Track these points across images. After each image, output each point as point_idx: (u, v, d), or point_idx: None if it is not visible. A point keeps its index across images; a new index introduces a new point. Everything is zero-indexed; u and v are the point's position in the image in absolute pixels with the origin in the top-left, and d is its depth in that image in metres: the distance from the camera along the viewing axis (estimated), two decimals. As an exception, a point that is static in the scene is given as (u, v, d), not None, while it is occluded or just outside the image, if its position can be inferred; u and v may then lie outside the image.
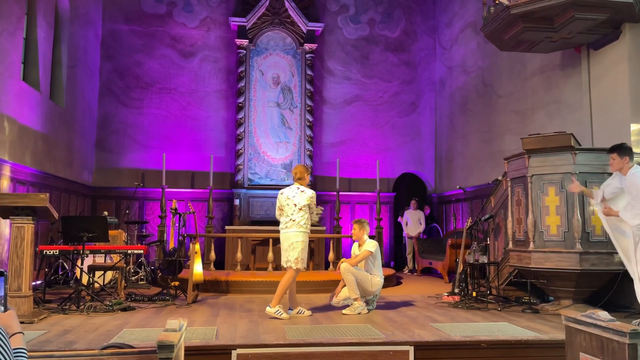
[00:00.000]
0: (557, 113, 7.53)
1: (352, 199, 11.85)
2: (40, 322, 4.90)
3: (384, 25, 12.29)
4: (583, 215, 5.50)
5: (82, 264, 6.30)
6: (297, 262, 5.30)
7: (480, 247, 6.46)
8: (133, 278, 7.87)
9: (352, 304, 5.59)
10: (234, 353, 3.93)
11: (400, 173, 12.18)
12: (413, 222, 10.66)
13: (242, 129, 11.20)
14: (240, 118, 11.21)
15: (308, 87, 11.49)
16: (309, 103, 11.48)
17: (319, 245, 9.52)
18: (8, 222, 6.29)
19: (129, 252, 6.46)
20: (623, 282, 5.17)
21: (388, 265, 11.02)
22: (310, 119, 11.47)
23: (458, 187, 8.43)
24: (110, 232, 6.72)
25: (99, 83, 11.16)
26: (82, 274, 6.40)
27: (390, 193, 12.05)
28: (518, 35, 6.46)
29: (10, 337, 1.56)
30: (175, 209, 8.68)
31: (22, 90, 7.64)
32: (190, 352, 3.74)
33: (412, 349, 4.09)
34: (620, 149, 4.85)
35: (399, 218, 11.16)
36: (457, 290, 6.48)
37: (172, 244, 8.96)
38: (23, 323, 3.32)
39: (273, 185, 11.14)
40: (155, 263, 8.81)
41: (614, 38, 6.21)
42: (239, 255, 8.05)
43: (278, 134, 11.37)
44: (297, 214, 5.36)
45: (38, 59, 8.21)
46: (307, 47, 11.47)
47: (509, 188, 6.23)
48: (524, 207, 5.87)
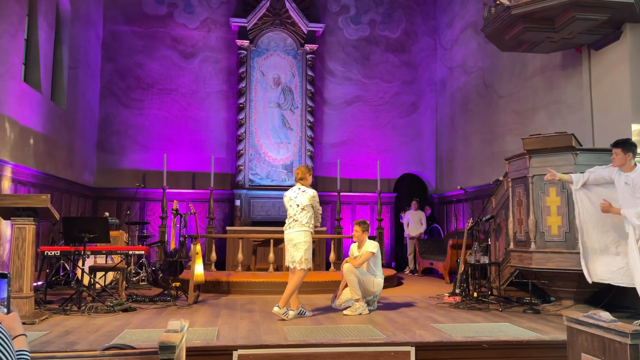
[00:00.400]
0: (557, 113, 7.52)
1: (352, 200, 11.85)
2: (42, 323, 4.91)
3: (385, 26, 12.30)
4: (584, 216, 5.49)
5: (83, 265, 6.31)
6: (301, 262, 5.30)
7: (481, 247, 6.45)
8: (134, 279, 7.87)
9: (353, 305, 5.59)
10: (235, 354, 3.93)
11: (401, 173, 12.18)
12: (414, 222, 10.66)
13: (242, 130, 11.20)
14: (241, 119, 11.22)
15: (309, 87, 11.49)
16: (310, 104, 11.49)
17: (320, 246, 9.52)
18: (9, 223, 6.30)
19: (130, 252, 6.47)
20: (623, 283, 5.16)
21: (389, 266, 11.02)
22: (311, 120, 11.48)
23: (459, 187, 8.42)
24: (111, 233, 6.73)
25: (100, 84, 11.17)
26: (83, 275, 6.40)
27: (391, 194, 12.05)
28: (519, 36, 6.46)
29: (13, 339, 1.56)
30: (176, 210, 8.70)
31: (23, 92, 7.65)
32: (192, 352, 3.74)
33: (413, 350, 4.09)
34: (625, 145, 4.81)
35: (401, 219, 11.15)
36: (458, 291, 6.48)
37: (173, 245, 8.98)
38: (24, 324, 3.31)
39: (274, 186, 11.15)
40: (157, 264, 8.82)
41: (615, 38, 6.21)
42: (240, 256, 8.06)
43: (279, 135, 11.37)
44: (299, 214, 5.40)
45: (39, 60, 8.22)
46: (307, 47, 11.47)
47: (510, 188, 6.23)
48: (525, 207, 5.87)
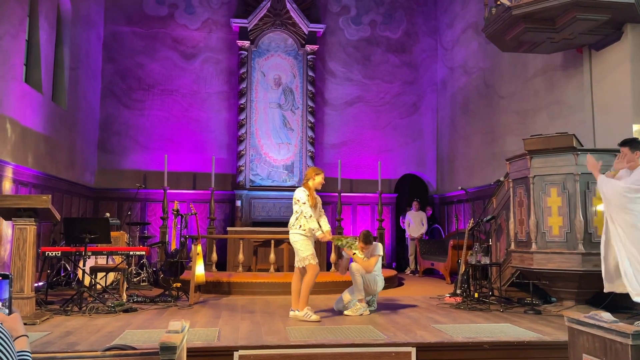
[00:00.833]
0: (558, 114, 7.52)
1: (353, 200, 11.85)
2: (43, 323, 4.91)
3: (385, 27, 12.30)
4: (585, 216, 5.49)
5: (84, 266, 6.31)
6: (301, 261, 5.29)
7: (482, 248, 6.44)
8: (135, 279, 7.87)
9: (354, 305, 5.59)
10: (236, 354, 3.93)
11: (402, 174, 12.18)
12: (415, 223, 10.65)
13: (243, 130, 11.21)
14: (242, 119, 11.22)
15: (309, 88, 11.50)
16: (311, 104, 11.49)
17: (321, 247, 9.50)
18: (10, 223, 6.31)
19: (131, 253, 6.46)
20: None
21: (390, 267, 11.02)
22: (312, 120, 11.48)
23: (460, 188, 8.41)
24: (112, 233, 6.73)
25: (101, 85, 11.18)
26: (84, 276, 6.41)
27: (392, 194, 12.04)
28: (519, 36, 6.46)
29: (15, 339, 1.56)
30: (177, 210, 8.70)
31: (24, 92, 7.66)
32: (193, 353, 3.73)
33: (414, 350, 4.09)
34: (633, 143, 4.76)
35: (401, 220, 11.14)
36: (459, 292, 6.47)
37: (174, 246, 8.97)
38: (25, 324, 3.31)
39: (274, 187, 11.16)
40: (157, 264, 8.82)
41: (616, 39, 6.20)
42: (241, 257, 8.06)
43: (279, 135, 11.37)
44: (292, 217, 5.47)
45: (40, 61, 8.23)
46: (308, 48, 11.48)
47: (511, 189, 6.22)
48: (526, 208, 5.86)
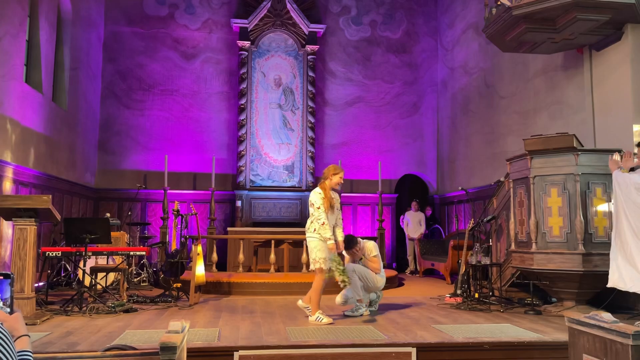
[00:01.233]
0: (559, 114, 7.52)
1: (354, 201, 11.85)
2: (43, 323, 4.91)
3: (386, 27, 12.30)
4: (586, 217, 5.48)
5: (84, 266, 6.31)
6: (312, 263, 5.21)
7: (483, 248, 6.44)
8: (135, 280, 7.87)
9: (354, 305, 5.59)
10: (236, 355, 3.93)
11: (402, 174, 12.18)
12: (413, 223, 10.66)
13: (244, 131, 11.21)
14: (242, 119, 11.22)
15: (310, 88, 11.50)
16: (311, 104, 11.49)
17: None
18: (11, 223, 6.31)
19: (131, 253, 6.47)
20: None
21: (390, 267, 11.01)
22: (312, 121, 11.48)
23: (460, 188, 8.41)
24: (113, 233, 6.73)
25: (101, 85, 11.19)
26: (84, 276, 6.41)
27: (392, 194, 12.04)
28: (520, 37, 6.45)
29: (17, 339, 1.56)
30: (178, 211, 8.70)
31: (24, 93, 7.67)
32: (193, 353, 3.73)
33: (414, 351, 4.09)
34: None
35: (401, 220, 11.13)
36: (459, 292, 6.47)
37: (174, 246, 8.98)
38: (26, 324, 3.30)
39: (275, 187, 11.17)
40: (158, 264, 8.82)
41: (616, 39, 6.20)
42: (241, 257, 8.06)
43: (280, 136, 11.38)
44: (309, 218, 5.32)
45: (40, 61, 8.23)
46: (308, 48, 11.48)
47: (511, 189, 6.22)
48: (527, 208, 5.86)
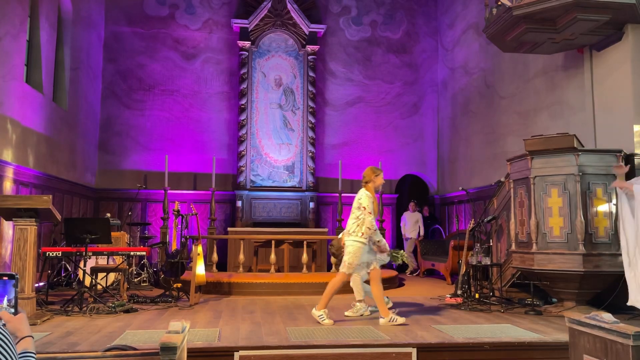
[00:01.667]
0: (559, 114, 7.51)
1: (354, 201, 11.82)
2: (43, 323, 4.91)
3: (386, 27, 12.30)
4: (586, 217, 5.48)
5: (84, 266, 6.32)
6: (344, 265, 5.11)
7: (483, 248, 6.44)
8: (135, 280, 7.88)
9: (355, 305, 5.59)
10: (237, 355, 3.93)
11: (403, 174, 12.18)
12: (410, 224, 10.67)
13: (244, 131, 11.21)
14: (243, 120, 11.22)
15: (310, 88, 11.49)
16: (311, 104, 11.49)
17: (321, 247, 9.52)
18: (11, 223, 6.31)
19: (132, 253, 6.47)
20: (626, 283, 5.14)
21: (390, 267, 11.01)
22: (313, 121, 11.48)
23: (460, 188, 8.41)
24: (113, 233, 6.73)
25: (102, 85, 11.19)
26: (84, 276, 6.41)
27: (393, 194, 12.04)
28: (520, 37, 6.45)
29: (20, 340, 1.56)
30: (178, 211, 8.70)
31: (25, 93, 7.67)
32: (193, 353, 3.73)
33: (414, 351, 4.08)
34: None
35: (402, 221, 11.13)
36: (459, 292, 6.46)
37: (174, 246, 8.98)
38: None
39: (275, 187, 11.17)
40: (158, 265, 8.82)
41: (617, 39, 6.20)
42: (242, 257, 8.06)
43: (280, 136, 11.38)
44: (350, 220, 5.20)
45: (41, 62, 8.24)
46: (309, 48, 11.48)
47: (512, 189, 6.22)
48: (527, 208, 5.86)
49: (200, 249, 6.56)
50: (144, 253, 6.55)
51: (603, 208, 5.50)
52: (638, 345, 2.72)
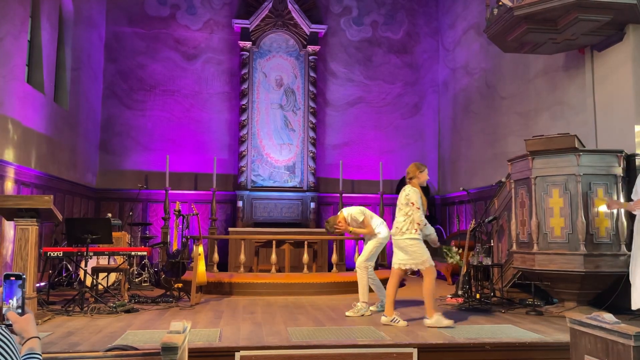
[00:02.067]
0: (560, 114, 7.51)
1: (355, 201, 11.81)
2: (44, 323, 4.91)
3: (387, 27, 12.30)
4: (587, 217, 5.48)
5: (85, 266, 6.31)
6: (421, 263, 4.99)
7: (484, 249, 6.44)
8: (136, 280, 7.88)
9: (355, 305, 5.59)
10: (238, 355, 3.93)
11: (404, 175, 12.14)
12: None
13: (245, 131, 11.21)
14: (244, 120, 11.23)
15: (311, 89, 11.50)
16: (312, 105, 11.50)
17: (322, 247, 9.53)
18: (12, 224, 6.31)
19: (133, 253, 6.47)
20: (627, 284, 5.14)
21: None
22: (313, 121, 11.48)
23: (461, 188, 8.41)
24: (114, 234, 6.73)
25: (103, 85, 11.19)
26: (85, 276, 6.42)
27: (394, 195, 12.00)
28: (521, 37, 6.45)
29: (26, 341, 1.55)
30: (179, 211, 8.71)
31: (26, 93, 7.67)
32: (194, 354, 3.73)
33: (415, 351, 4.08)
34: None
35: None
36: (460, 292, 6.45)
37: (175, 246, 8.98)
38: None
39: (276, 187, 11.17)
40: (159, 265, 8.82)
41: (618, 39, 6.19)
42: (242, 257, 8.06)
43: (281, 136, 11.38)
44: (399, 217, 5.13)
45: (42, 62, 8.24)
46: (310, 49, 11.48)
47: (513, 190, 6.21)
48: (528, 208, 5.85)
49: (201, 249, 6.56)
50: (145, 253, 6.55)
51: (604, 208, 5.50)
52: (639, 346, 2.72)
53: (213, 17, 11.74)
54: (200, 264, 6.43)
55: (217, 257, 8.25)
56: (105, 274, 6.99)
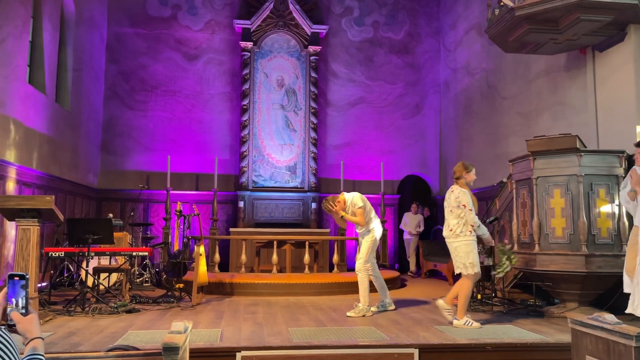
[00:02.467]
0: (562, 115, 7.50)
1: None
2: (46, 324, 4.92)
3: (388, 28, 12.30)
4: (589, 218, 5.47)
5: (87, 266, 6.32)
6: (468, 267, 4.95)
7: (485, 249, 6.43)
8: (138, 280, 7.88)
9: (357, 306, 5.59)
10: (239, 355, 3.93)
11: (405, 175, 12.16)
12: (412, 225, 10.65)
13: (246, 131, 11.22)
14: (245, 120, 11.23)
15: (312, 89, 11.50)
16: (313, 105, 11.50)
17: (323, 248, 9.53)
18: (14, 224, 6.32)
19: (134, 254, 6.47)
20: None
21: (392, 268, 11.00)
22: (315, 121, 11.48)
23: (463, 189, 8.39)
24: (115, 234, 6.74)
25: (104, 86, 11.21)
26: (87, 276, 6.42)
27: (395, 195, 12.03)
28: (523, 37, 6.44)
29: (30, 341, 1.55)
30: (180, 211, 8.70)
31: (28, 93, 7.69)
32: (195, 354, 3.73)
33: (416, 352, 4.08)
34: None
35: (401, 225, 11.11)
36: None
37: (176, 246, 8.98)
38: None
39: (277, 188, 11.18)
40: (160, 265, 8.83)
41: (619, 39, 6.19)
42: (243, 258, 8.06)
43: (282, 136, 11.38)
44: (450, 220, 5.12)
45: (44, 62, 8.26)
46: (311, 49, 11.49)
47: (514, 190, 6.21)
48: (529, 209, 5.85)
49: (203, 250, 6.56)
50: (146, 253, 6.56)
51: (606, 209, 5.49)
52: (641, 346, 2.72)
53: (214, 17, 11.75)
54: (202, 265, 6.44)
55: (218, 257, 8.25)
56: (107, 274, 7.00)
